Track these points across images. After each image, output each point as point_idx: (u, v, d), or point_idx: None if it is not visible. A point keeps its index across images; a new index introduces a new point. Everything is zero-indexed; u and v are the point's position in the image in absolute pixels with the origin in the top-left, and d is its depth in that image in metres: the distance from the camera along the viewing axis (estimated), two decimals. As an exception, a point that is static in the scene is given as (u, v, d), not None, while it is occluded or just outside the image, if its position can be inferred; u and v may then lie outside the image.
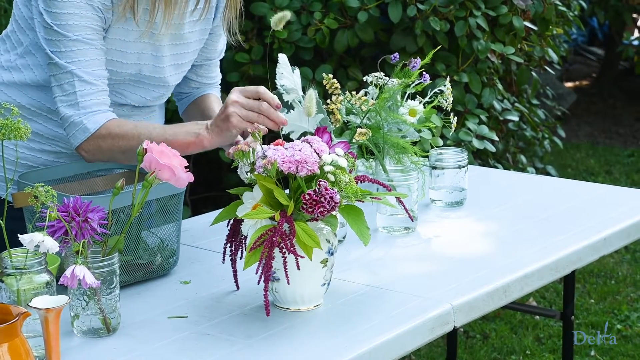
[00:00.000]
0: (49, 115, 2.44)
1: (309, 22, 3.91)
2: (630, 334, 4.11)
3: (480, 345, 4.01)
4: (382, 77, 2.75)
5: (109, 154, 2.37)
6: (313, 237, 1.97)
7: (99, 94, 2.35)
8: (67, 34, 2.31)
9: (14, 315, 1.67)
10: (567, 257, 2.41)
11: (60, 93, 2.34)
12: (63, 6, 2.31)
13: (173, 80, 2.57)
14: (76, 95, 2.33)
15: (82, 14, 2.32)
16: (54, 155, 2.47)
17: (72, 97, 2.33)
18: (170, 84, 2.56)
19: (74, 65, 2.32)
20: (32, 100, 2.44)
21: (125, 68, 2.44)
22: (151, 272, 2.26)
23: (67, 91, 2.33)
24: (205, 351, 1.91)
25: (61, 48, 2.33)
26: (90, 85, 2.34)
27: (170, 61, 2.52)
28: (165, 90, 2.58)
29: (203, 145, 2.32)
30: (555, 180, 3.23)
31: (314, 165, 1.97)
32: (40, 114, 2.44)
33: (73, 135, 2.35)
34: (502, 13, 3.93)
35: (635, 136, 8.04)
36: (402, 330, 2.01)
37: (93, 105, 2.35)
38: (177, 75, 2.58)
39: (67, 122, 2.34)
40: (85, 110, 2.33)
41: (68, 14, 2.31)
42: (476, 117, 3.98)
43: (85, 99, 2.34)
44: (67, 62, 2.32)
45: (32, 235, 1.80)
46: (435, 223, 2.64)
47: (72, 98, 2.33)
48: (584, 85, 9.67)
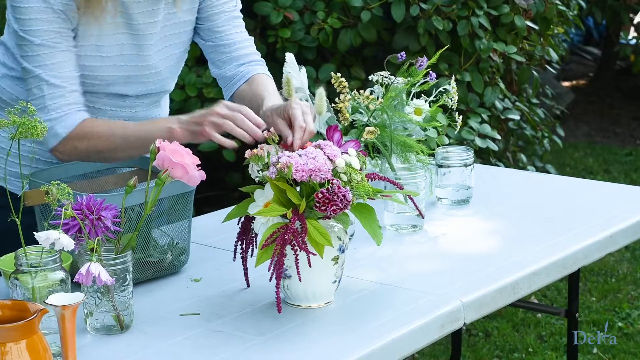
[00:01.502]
0: None
1: (312, 21, 3.93)
2: (632, 331, 4.13)
3: (483, 343, 4.03)
4: (387, 77, 2.77)
5: (85, 154, 2.39)
6: (325, 234, 1.99)
7: (68, 95, 2.38)
8: (32, 39, 2.35)
9: (31, 312, 1.68)
10: (574, 254, 2.43)
11: (31, 97, 2.37)
12: (26, 12, 2.34)
13: (164, 65, 2.57)
14: (44, 99, 2.36)
15: (44, 19, 2.34)
16: None
17: (40, 100, 2.36)
18: (161, 69, 2.56)
19: (40, 69, 2.36)
20: None
21: (106, 62, 2.45)
22: (162, 270, 2.28)
23: (35, 95, 2.37)
24: (219, 348, 1.93)
25: (28, 52, 2.36)
26: (58, 88, 2.36)
27: (160, 44, 2.54)
28: (159, 77, 2.58)
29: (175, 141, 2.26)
30: (559, 178, 3.25)
31: (327, 173, 1.99)
32: None
33: (45, 139, 2.35)
34: (504, 12, 3.94)
35: (633, 135, 8.06)
36: (413, 327, 2.02)
37: (63, 107, 2.37)
38: (170, 58, 2.58)
39: None
40: (55, 114, 2.36)
41: (31, 20, 2.34)
42: (478, 116, 3.99)
43: (54, 102, 2.36)
44: (34, 66, 2.36)
45: (48, 233, 1.82)
46: (441, 221, 2.65)
47: (40, 102, 2.36)
48: (580, 85, 9.69)
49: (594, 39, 11.23)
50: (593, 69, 10.22)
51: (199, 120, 2.29)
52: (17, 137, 1.70)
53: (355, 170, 2.04)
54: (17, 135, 1.69)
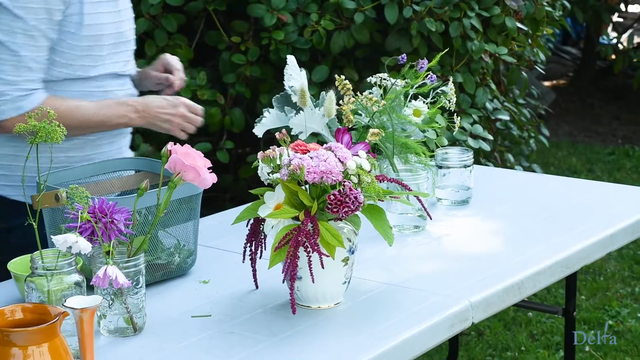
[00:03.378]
0: None
1: (305, 23, 3.94)
2: (622, 329, 4.17)
3: (476, 342, 4.06)
4: (386, 78, 2.79)
5: None
6: (337, 236, 2.01)
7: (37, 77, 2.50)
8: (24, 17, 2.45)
9: (52, 315, 1.69)
10: (576, 253, 2.46)
11: None
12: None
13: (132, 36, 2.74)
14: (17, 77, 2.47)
15: None
16: None
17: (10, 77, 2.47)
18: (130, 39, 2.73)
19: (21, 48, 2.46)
20: None
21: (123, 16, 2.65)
22: (170, 272, 2.29)
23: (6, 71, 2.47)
24: (232, 349, 1.94)
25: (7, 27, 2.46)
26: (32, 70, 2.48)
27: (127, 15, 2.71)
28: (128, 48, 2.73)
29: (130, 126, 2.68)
30: (555, 178, 3.28)
31: (338, 175, 2.00)
32: None
33: (1, 110, 2.46)
34: (495, 14, 3.97)
35: (614, 135, 8.13)
36: (424, 327, 2.04)
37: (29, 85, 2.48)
38: (132, 31, 2.74)
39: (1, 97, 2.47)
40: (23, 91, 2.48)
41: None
42: (470, 117, 4.02)
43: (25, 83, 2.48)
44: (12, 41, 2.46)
45: (65, 236, 1.83)
46: (443, 222, 2.68)
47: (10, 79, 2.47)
48: (561, 85, 9.75)
49: (572, 39, 11.31)
50: (572, 69, 10.29)
51: (168, 118, 2.63)
52: (36, 141, 1.71)
53: (365, 172, 2.06)
54: (37, 140, 1.70)
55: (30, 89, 2.49)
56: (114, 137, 2.70)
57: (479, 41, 3.96)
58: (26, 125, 1.72)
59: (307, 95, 2.29)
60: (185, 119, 2.64)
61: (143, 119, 2.62)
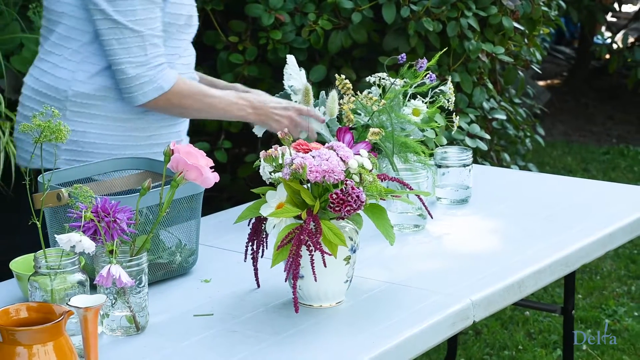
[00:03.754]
0: None
1: (302, 23, 3.95)
2: (619, 328, 4.18)
3: (473, 341, 4.07)
4: (385, 78, 2.79)
5: (170, 108, 2.68)
6: (339, 235, 2.01)
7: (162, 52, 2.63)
8: None
9: (57, 314, 1.69)
10: (576, 252, 2.47)
11: (126, 55, 2.57)
12: None
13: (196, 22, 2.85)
14: (147, 55, 2.59)
15: None
16: None
17: (142, 57, 2.59)
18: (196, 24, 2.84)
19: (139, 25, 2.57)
20: None
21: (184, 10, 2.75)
22: (172, 271, 2.30)
23: (135, 53, 2.58)
24: (235, 348, 1.94)
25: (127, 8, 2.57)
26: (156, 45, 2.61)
27: None
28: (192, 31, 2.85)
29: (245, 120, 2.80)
30: (553, 177, 3.29)
31: (340, 175, 2.01)
32: None
33: (144, 93, 2.61)
34: (492, 13, 3.98)
35: (609, 134, 8.15)
36: (425, 325, 2.05)
37: (162, 63, 2.63)
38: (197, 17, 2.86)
39: (139, 80, 2.59)
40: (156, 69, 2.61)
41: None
42: (467, 116, 4.03)
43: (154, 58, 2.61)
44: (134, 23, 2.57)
45: (69, 235, 1.83)
46: (442, 221, 2.69)
47: (142, 58, 2.59)
48: (555, 84, 9.77)
49: (566, 39, 11.33)
50: (566, 69, 10.31)
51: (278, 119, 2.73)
52: (40, 140, 1.72)
53: (367, 170, 2.07)
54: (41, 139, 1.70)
55: (160, 64, 2.63)
56: (175, 120, 2.82)
57: (476, 41, 3.97)
58: (30, 124, 1.73)
59: (310, 94, 2.30)
60: (293, 123, 2.73)
61: (257, 115, 2.76)
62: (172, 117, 2.80)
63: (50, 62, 2.70)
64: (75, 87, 2.66)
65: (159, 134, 2.78)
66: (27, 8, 3.90)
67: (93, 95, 2.66)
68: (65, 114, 2.67)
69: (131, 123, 2.71)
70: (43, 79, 2.71)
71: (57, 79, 2.68)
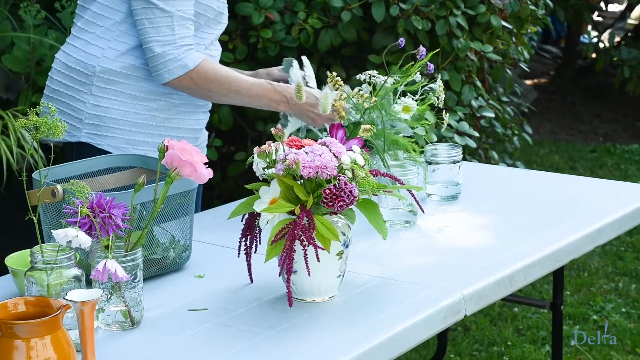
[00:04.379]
0: None
1: (292, 22, 3.97)
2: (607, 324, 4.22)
3: (462, 337, 4.10)
4: (375, 76, 2.82)
5: (196, 89, 2.72)
6: (332, 229, 2.04)
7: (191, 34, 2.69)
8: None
9: (54, 308, 1.71)
10: (565, 247, 2.50)
11: (155, 33, 2.64)
12: None
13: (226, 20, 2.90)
14: (174, 34, 2.65)
15: None
16: None
17: (169, 37, 2.65)
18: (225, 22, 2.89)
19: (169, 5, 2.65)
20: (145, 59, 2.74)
21: None
22: (165, 267, 2.32)
23: (164, 32, 2.64)
24: (230, 342, 1.97)
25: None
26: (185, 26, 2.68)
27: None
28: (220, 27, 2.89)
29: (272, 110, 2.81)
30: (541, 174, 3.32)
31: (333, 170, 2.03)
32: None
33: (170, 70, 2.66)
34: (481, 12, 4.01)
35: (595, 132, 8.19)
36: (417, 319, 2.08)
37: (189, 43, 2.68)
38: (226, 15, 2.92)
39: (165, 58, 2.65)
40: (183, 48, 2.67)
41: None
42: (456, 114, 4.06)
43: (182, 38, 2.67)
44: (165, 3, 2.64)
45: (65, 231, 1.85)
46: (433, 217, 2.71)
47: (170, 37, 2.64)
48: (542, 83, 9.81)
49: (552, 39, 11.38)
50: (552, 68, 10.36)
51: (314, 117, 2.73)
52: (37, 137, 1.73)
53: (359, 166, 2.09)
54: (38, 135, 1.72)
55: (187, 45, 2.68)
56: (196, 108, 2.87)
57: (464, 39, 4.00)
58: (27, 120, 1.74)
59: (302, 90, 2.33)
60: (328, 121, 2.73)
61: (291, 109, 2.77)
62: (193, 104, 2.86)
63: (82, 39, 2.78)
64: (103, 64, 2.74)
65: (180, 118, 2.84)
66: (18, 7, 3.91)
67: (119, 73, 2.74)
68: (91, 89, 2.75)
69: (154, 103, 2.78)
70: (74, 55, 2.79)
71: (88, 55, 2.76)
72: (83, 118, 2.76)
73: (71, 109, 2.78)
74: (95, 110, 2.76)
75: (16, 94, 3.79)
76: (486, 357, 3.93)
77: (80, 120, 2.77)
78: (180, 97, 2.81)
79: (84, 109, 2.76)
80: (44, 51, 3.81)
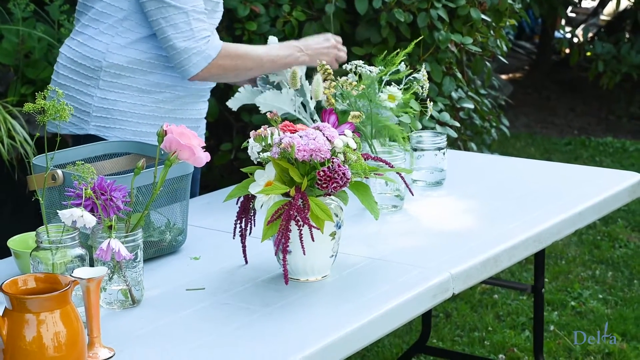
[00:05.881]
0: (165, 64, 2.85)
1: (277, 14, 4.04)
2: (585, 310, 4.31)
3: (444, 323, 4.18)
4: (361, 65, 2.90)
5: (224, 73, 2.83)
6: (326, 210, 2.11)
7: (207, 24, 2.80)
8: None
9: (62, 284, 1.78)
10: (548, 229, 2.59)
11: (174, 31, 2.73)
12: None
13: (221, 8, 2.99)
14: (192, 29, 2.76)
15: None
16: None
17: (188, 32, 2.75)
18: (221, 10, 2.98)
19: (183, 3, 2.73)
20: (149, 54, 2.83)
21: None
22: (162, 250, 2.38)
23: (182, 28, 2.74)
24: (228, 318, 2.04)
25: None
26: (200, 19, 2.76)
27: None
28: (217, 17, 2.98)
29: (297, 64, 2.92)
30: (523, 161, 3.41)
31: (326, 153, 2.11)
32: None
33: (195, 64, 2.76)
34: (461, 5, 4.09)
35: (570, 126, 8.31)
36: (408, 297, 2.16)
37: (206, 34, 2.78)
38: None
39: (188, 53, 2.74)
40: (203, 41, 2.76)
41: None
42: (437, 105, 4.14)
43: (199, 31, 2.76)
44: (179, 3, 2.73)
45: (71, 211, 1.92)
46: (419, 201, 2.79)
47: (188, 33, 2.75)
48: (517, 78, 9.93)
49: (526, 34, 11.50)
50: (526, 63, 10.48)
51: (326, 51, 2.96)
52: (44, 120, 1.80)
53: (352, 149, 2.17)
54: (45, 118, 1.79)
55: (206, 36, 2.77)
56: (198, 98, 2.96)
57: (445, 31, 4.08)
58: (34, 104, 1.81)
59: (297, 76, 2.40)
60: (338, 49, 3.00)
61: (307, 56, 2.93)
62: (196, 95, 2.95)
63: (86, 34, 2.86)
64: (109, 59, 2.81)
65: (183, 109, 2.92)
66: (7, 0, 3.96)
67: (126, 67, 2.81)
68: (98, 83, 2.83)
69: (160, 95, 2.86)
70: (79, 50, 2.86)
71: (93, 50, 2.83)
72: (91, 111, 2.83)
73: (78, 103, 2.85)
74: (103, 103, 2.83)
75: (5, 86, 3.84)
76: (468, 342, 4.02)
77: (88, 113, 2.84)
78: (184, 88, 2.89)
79: (91, 102, 2.83)
80: (33, 44, 3.87)
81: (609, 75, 8.31)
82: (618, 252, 5.06)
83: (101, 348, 1.87)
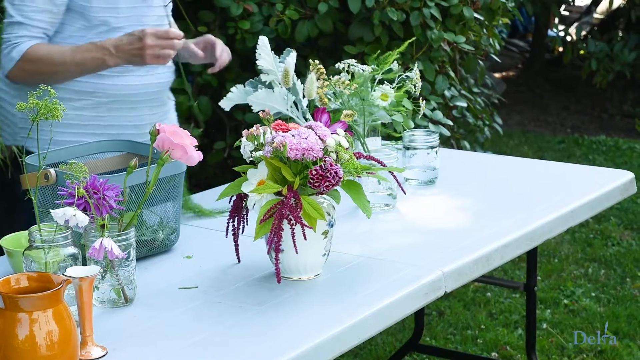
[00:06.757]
0: None
1: (270, 13, 4.05)
2: (577, 308, 4.33)
3: (437, 321, 4.19)
4: (354, 64, 2.90)
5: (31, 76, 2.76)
6: (318, 209, 2.12)
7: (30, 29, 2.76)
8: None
9: (55, 283, 1.78)
10: (540, 228, 2.60)
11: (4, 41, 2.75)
12: None
13: None
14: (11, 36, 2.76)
15: None
16: None
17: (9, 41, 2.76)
18: None
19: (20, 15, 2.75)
20: None
21: None
22: (154, 248, 2.39)
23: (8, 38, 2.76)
24: (221, 317, 2.04)
25: None
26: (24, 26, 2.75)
27: None
28: None
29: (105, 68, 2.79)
30: (513, 159, 3.42)
31: (319, 152, 2.11)
32: None
33: (3, 66, 2.79)
34: (454, 3, 4.10)
35: (563, 124, 8.33)
36: (401, 295, 2.16)
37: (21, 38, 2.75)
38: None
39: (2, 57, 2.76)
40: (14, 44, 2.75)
41: None
42: (430, 103, 4.15)
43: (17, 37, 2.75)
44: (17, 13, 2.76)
45: (64, 210, 1.92)
46: (412, 200, 2.80)
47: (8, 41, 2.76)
48: (510, 76, 9.95)
49: (519, 32, 11.52)
50: (519, 62, 10.50)
51: (138, 52, 2.72)
52: (37, 119, 1.80)
53: (344, 148, 2.18)
54: (37, 117, 1.79)
55: (17, 42, 2.75)
56: (129, 104, 2.90)
57: (438, 30, 4.09)
58: (27, 104, 1.81)
59: (290, 75, 2.40)
60: (156, 48, 2.72)
61: (120, 58, 2.76)
62: (127, 100, 2.90)
63: None
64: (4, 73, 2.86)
65: (112, 115, 2.89)
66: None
67: None
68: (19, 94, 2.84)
69: (77, 103, 2.84)
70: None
71: None
72: (17, 122, 2.88)
73: (4, 115, 2.92)
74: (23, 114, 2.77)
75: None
76: (460, 340, 4.03)
77: (15, 124, 2.89)
78: (106, 94, 2.86)
79: (14, 114, 2.87)
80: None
81: (602, 74, 8.33)
82: (611, 250, 5.08)
83: (94, 347, 1.87)
